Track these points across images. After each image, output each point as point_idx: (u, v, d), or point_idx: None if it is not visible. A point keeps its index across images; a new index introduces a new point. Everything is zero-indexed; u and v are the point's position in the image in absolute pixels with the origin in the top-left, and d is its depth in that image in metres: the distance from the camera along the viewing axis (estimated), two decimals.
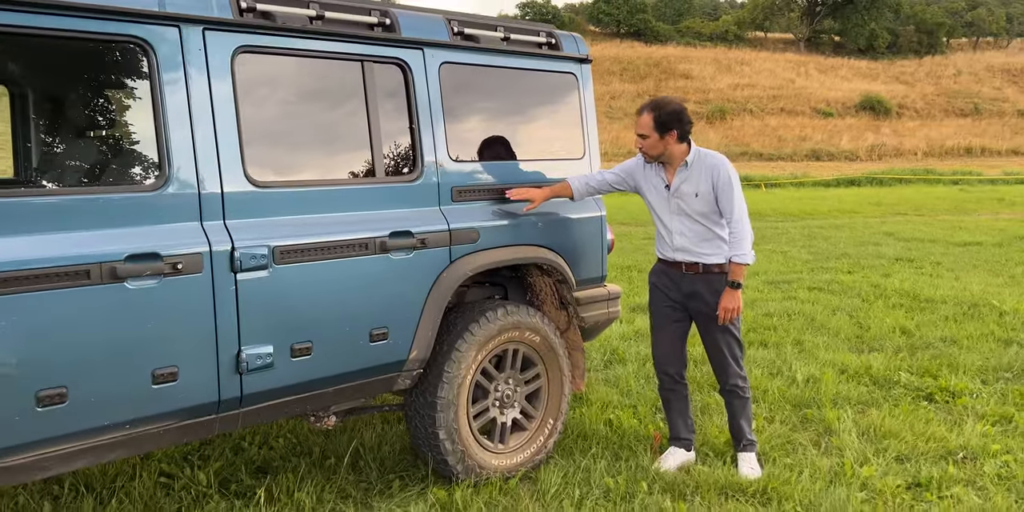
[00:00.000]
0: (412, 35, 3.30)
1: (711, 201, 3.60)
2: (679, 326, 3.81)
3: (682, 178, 3.65)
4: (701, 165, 3.63)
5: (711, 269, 3.67)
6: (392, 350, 3.23)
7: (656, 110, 3.57)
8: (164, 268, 2.59)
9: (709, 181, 3.60)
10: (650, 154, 3.64)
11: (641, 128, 3.60)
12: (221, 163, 2.78)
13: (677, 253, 3.72)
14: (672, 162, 3.66)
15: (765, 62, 59.01)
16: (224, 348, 2.77)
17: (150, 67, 2.64)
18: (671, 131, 3.57)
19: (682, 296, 3.75)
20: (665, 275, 3.80)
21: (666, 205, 3.72)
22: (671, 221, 3.71)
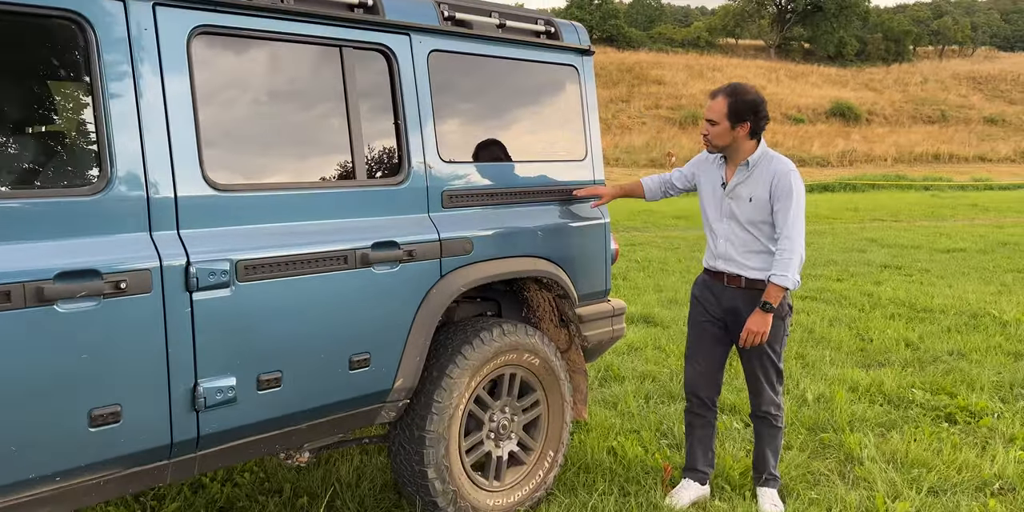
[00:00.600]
0: (398, 18, 2.90)
1: (766, 209, 3.20)
2: (719, 345, 3.42)
3: (740, 178, 3.26)
4: (764, 168, 3.22)
5: (755, 284, 3.26)
6: (375, 379, 2.81)
7: (733, 96, 3.18)
8: (104, 288, 2.15)
9: (767, 187, 3.19)
10: (715, 144, 3.23)
11: (712, 113, 3.20)
12: (175, 163, 2.35)
13: (719, 261, 3.33)
14: (735, 158, 3.27)
15: (736, 68, 59.28)
16: (178, 382, 2.34)
17: (88, 48, 2.20)
18: (744, 123, 3.18)
19: (722, 312, 3.36)
20: (707, 288, 3.41)
21: (718, 206, 3.34)
22: (719, 224, 3.34)
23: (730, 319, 3.34)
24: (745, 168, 3.25)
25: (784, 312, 3.28)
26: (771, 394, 3.36)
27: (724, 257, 3.32)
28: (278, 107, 2.69)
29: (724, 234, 3.31)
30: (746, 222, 3.25)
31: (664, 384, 5.03)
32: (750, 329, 3.20)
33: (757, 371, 3.35)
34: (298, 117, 2.74)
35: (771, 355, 3.32)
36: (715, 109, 3.20)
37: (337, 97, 2.78)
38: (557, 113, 3.55)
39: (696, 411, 3.48)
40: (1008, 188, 30.18)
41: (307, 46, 2.70)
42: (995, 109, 56.15)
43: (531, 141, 3.46)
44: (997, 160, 45.26)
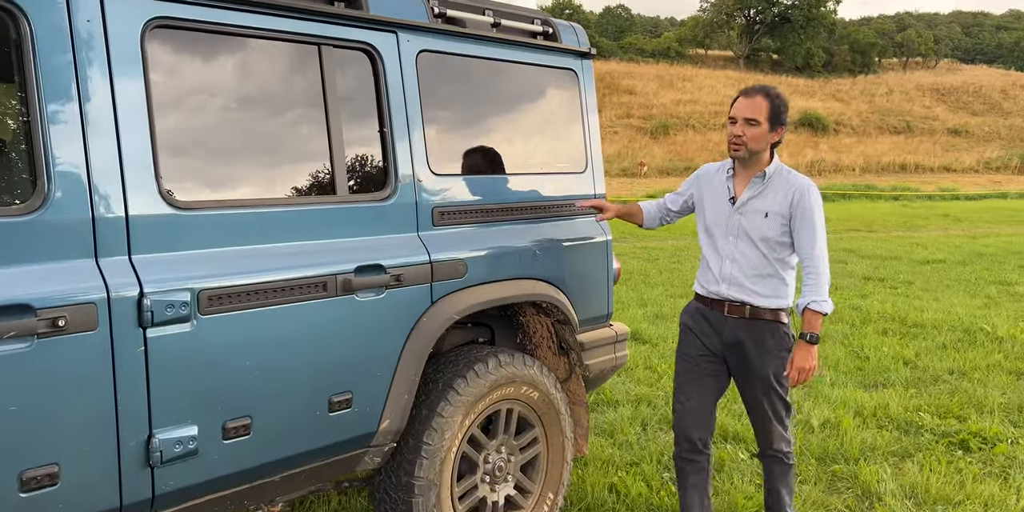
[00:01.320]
0: (383, 14, 2.58)
1: (781, 227, 2.88)
2: (714, 382, 3.04)
3: (754, 192, 2.91)
4: (782, 181, 2.90)
5: (760, 314, 2.91)
6: (357, 421, 2.48)
7: (772, 97, 2.84)
8: (37, 326, 1.80)
9: (787, 202, 2.86)
10: (750, 148, 2.84)
11: (754, 111, 2.81)
12: (125, 176, 2.01)
13: (722, 285, 2.95)
14: (751, 169, 2.93)
15: (706, 78, 59.70)
16: (128, 433, 1.99)
17: (21, 41, 1.86)
18: (781, 127, 2.87)
19: (722, 346, 2.99)
20: (703, 317, 3.02)
21: (724, 222, 2.97)
22: (724, 243, 2.96)
23: (731, 354, 2.98)
24: (760, 181, 2.91)
25: (789, 343, 2.95)
26: (781, 431, 3.02)
27: (728, 280, 2.95)
28: (247, 113, 2.35)
29: (730, 254, 2.95)
30: (759, 240, 2.90)
31: (660, 409, 4.74)
32: (799, 366, 2.81)
33: (764, 408, 2.99)
34: (270, 124, 2.40)
35: (778, 389, 2.96)
36: (757, 108, 2.82)
37: (315, 102, 2.45)
38: (555, 121, 3.25)
39: (687, 456, 3.07)
40: (974, 198, 30.53)
41: (281, 44, 2.38)
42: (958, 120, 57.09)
43: (528, 152, 3.15)
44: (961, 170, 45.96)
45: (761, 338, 2.91)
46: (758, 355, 2.92)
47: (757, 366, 2.93)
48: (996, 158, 48.49)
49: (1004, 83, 65.10)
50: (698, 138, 48.80)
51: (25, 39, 1.86)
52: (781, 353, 2.93)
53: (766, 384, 2.95)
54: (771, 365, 2.92)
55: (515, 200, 3.01)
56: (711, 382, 3.04)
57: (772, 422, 3.01)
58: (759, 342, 2.92)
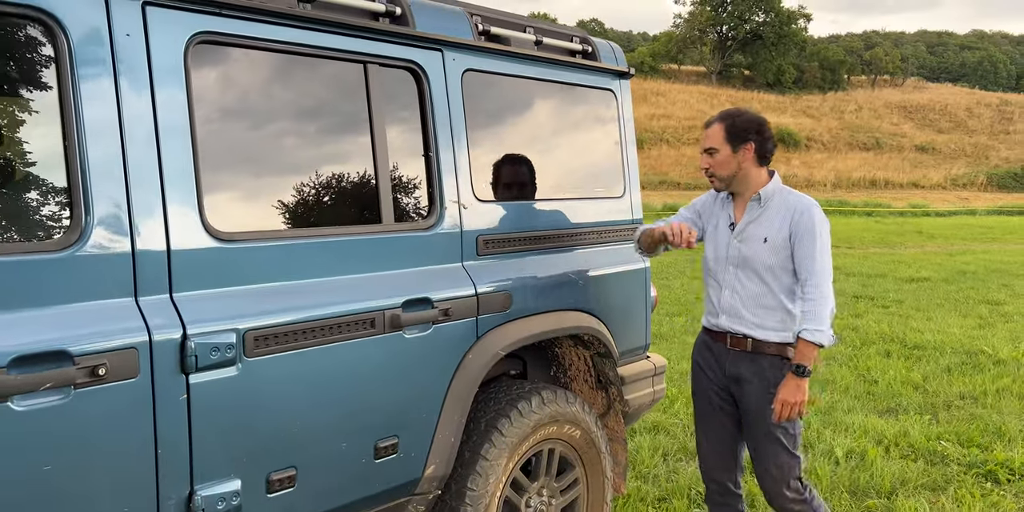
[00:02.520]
0: (429, 31, 2.42)
1: (783, 252, 2.68)
2: (729, 420, 2.84)
3: (752, 216, 2.74)
4: (780, 203, 2.72)
5: (763, 348, 2.71)
6: (402, 468, 2.30)
7: (728, 118, 2.72)
8: (76, 376, 1.61)
9: (787, 225, 2.67)
10: (719, 176, 2.73)
11: (710, 141, 2.72)
12: (168, 206, 1.82)
13: (722, 318, 2.77)
14: (744, 192, 2.77)
15: (679, 93, 60.21)
16: (168, 491, 1.79)
17: (59, 58, 1.68)
18: (747, 143, 2.70)
19: (726, 378, 2.80)
20: (708, 350, 2.86)
21: (724, 250, 2.79)
22: (724, 273, 2.78)
23: (734, 388, 2.79)
24: (757, 203, 2.74)
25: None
26: (782, 485, 2.72)
27: (729, 312, 2.76)
28: (292, 137, 2.17)
29: (731, 284, 2.76)
30: (761, 267, 2.70)
31: (678, 437, 4.60)
32: (784, 400, 2.59)
33: (767, 452, 2.73)
34: (316, 149, 2.23)
35: (781, 439, 2.70)
36: (712, 136, 2.73)
37: (361, 125, 2.28)
38: (595, 143, 3.11)
39: (718, 499, 2.90)
40: (944, 214, 31.00)
41: (327, 62, 2.21)
42: (925, 137, 58.12)
43: (570, 176, 3.01)
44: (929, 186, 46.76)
45: (763, 374, 2.71)
46: (759, 393, 2.71)
47: (756, 403, 2.72)
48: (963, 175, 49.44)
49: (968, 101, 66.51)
50: (672, 152, 49.12)
51: (62, 54, 1.68)
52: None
53: (763, 424, 2.71)
54: (770, 404, 2.67)
55: (558, 227, 2.85)
56: (726, 420, 2.85)
57: (770, 469, 2.74)
58: (761, 378, 2.71)
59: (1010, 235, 21.43)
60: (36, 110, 1.72)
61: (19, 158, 1.69)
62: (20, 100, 1.76)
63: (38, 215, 1.71)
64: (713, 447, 2.88)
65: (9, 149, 1.70)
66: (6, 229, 1.66)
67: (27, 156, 1.70)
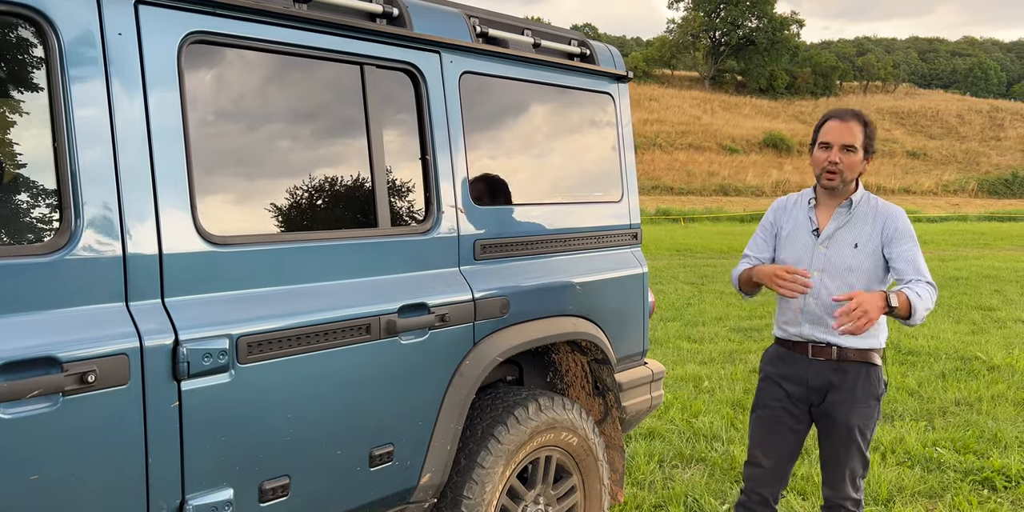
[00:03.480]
0: (426, 32, 2.39)
1: (873, 257, 2.64)
2: (793, 439, 2.77)
3: (840, 222, 2.69)
4: (869, 210, 2.70)
5: (848, 355, 2.65)
6: (398, 476, 2.26)
7: (866, 124, 2.64)
8: (65, 383, 1.57)
9: (879, 231, 2.65)
10: (845, 177, 2.64)
11: (851, 137, 2.61)
12: (160, 210, 1.79)
13: (804, 326, 2.70)
14: (836, 198, 2.73)
15: (672, 99, 60.40)
16: (159, 501, 1.75)
17: (49, 57, 1.64)
18: (871, 155, 2.70)
19: (808, 391, 2.72)
20: (784, 362, 2.76)
21: (807, 257, 2.72)
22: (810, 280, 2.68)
23: (816, 398, 2.73)
24: (847, 210, 2.70)
25: (880, 390, 2.73)
26: (849, 488, 2.75)
27: (812, 320, 2.69)
28: (288, 139, 2.14)
29: (814, 292, 2.68)
30: (848, 273, 2.65)
31: (674, 444, 4.56)
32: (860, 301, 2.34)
33: (840, 459, 2.73)
34: (312, 152, 2.20)
35: (859, 442, 2.70)
36: (852, 134, 2.61)
37: (357, 127, 2.25)
38: (593, 147, 3.08)
39: (752, 508, 2.84)
40: (936, 220, 31.15)
41: (323, 63, 2.17)
42: (917, 143, 58.42)
43: (567, 180, 2.98)
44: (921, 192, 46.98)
45: (849, 383, 2.67)
46: (844, 401, 2.67)
47: (841, 413, 2.68)
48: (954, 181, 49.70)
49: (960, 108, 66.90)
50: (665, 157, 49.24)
51: (52, 53, 1.64)
52: (870, 401, 2.69)
53: (847, 434, 2.69)
54: (855, 414, 2.67)
55: (556, 231, 2.82)
56: (791, 439, 2.78)
57: (845, 476, 2.74)
58: (847, 387, 2.67)
59: (1001, 241, 21.52)
60: (25, 110, 1.68)
61: (7, 159, 1.65)
62: (9, 100, 1.72)
63: (26, 218, 1.67)
64: (770, 462, 2.80)
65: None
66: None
67: (15, 157, 1.66)
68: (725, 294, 11.05)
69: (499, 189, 2.68)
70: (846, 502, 2.79)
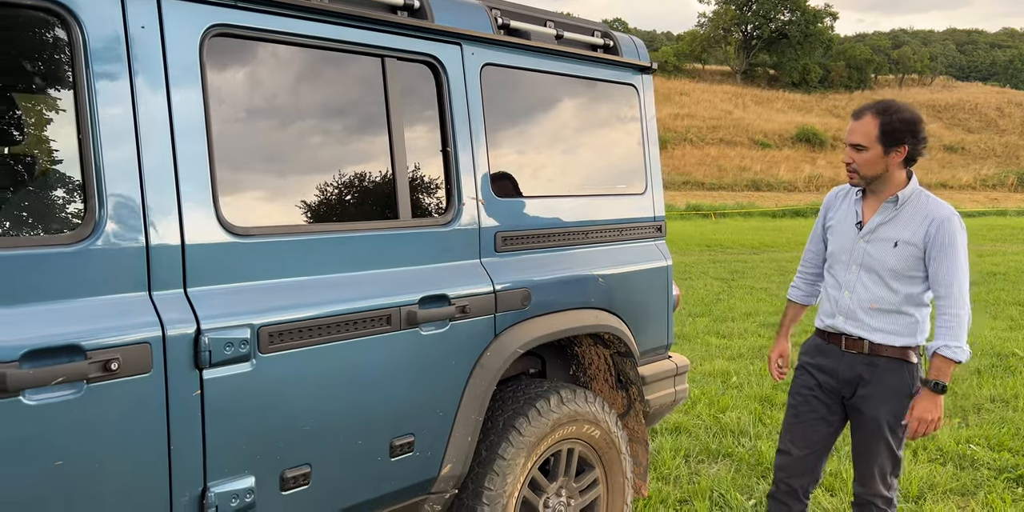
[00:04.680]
0: (448, 24, 2.39)
1: (913, 258, 2.57)
2: (825, 427, 2.75)
3: (885, 217, 2.62)
4: (917, 207, 2.59)
5: (881, 351, 2.62)
6: (419, 466, 2.27)
7: (885, 114, 2.53)
8: (88, 370, 1.60)
9: (923, 232, 2.55)
10: (863, 174, 2.59)
11: (858, 135, 2.56)
12: (182, 201, 1.81)
13: (838, 319, 2.69)
14: (881, 192, 2.63)
15: (703, 93, 59.87)
16: (181, 488, 1.78)
17: (73, 51, 1.66)
18: (900, 146, 2.53)
19: (839, 383, 2.70)
20: (820, 353, 2.76)
21: (849, 250, 2.69)
22: (846, 273, 2.69)
23: (847, 391, 2.70)
24: (892, 205, 2.61)
25: (914, 388, 2.65)
26: (880, 486, 2.70)
27: (846, 314, 2.67)
28: (309, 130, 2.15)
29: (850, 285, 2.66)
30: (885, 272, 2.60)
31: (700, 439, 4.53)
32: (921, 418, 2.50)
33: (868, 455, 2.70)
34: (333, 144, 2.21)
35: (890, 440, 2.65)
36: (862, 130, 2.55)
37: (378, 119, 2.26)
38: (616, 139, 3.06)
39: (781, 498, 2.83)
40: (974, 215, 30.52)
41: (344, 55, 2.19)
42: (955, 137, 57.32)
43: (590, 172, 2.96)
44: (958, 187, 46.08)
45: (880, 377, 2.63)
46: (873, 395, 2.64)
47: (870, 407, 2.65)
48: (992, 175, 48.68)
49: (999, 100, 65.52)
50: (696, 152, 48.87)
51: (76, 46, 1.66)
52: (900, 398, 2.63)
53: (876, 429, 2.66)
54: (884, 409, 2.63)
55: (578, 224, 2.81)
56: (822, 427, 2.75)
57: (874, 473, 2.70)
58: (879, 382, 2.63)
59: None
60: (51, 104, 1.71)
61: (32, 150, 1.68)
62: (34, 93, 1.75)
63: (52, 209, 1.70)
64: (800, 451, 2.78)
65: (22, 141, 1.69)
66: (18, 222, 1.66)
67: (40, 148, 1.69)
68: (755, 289, 10.94)
69: (521, 181, 2.67)
70: (876, 499, 2.74)
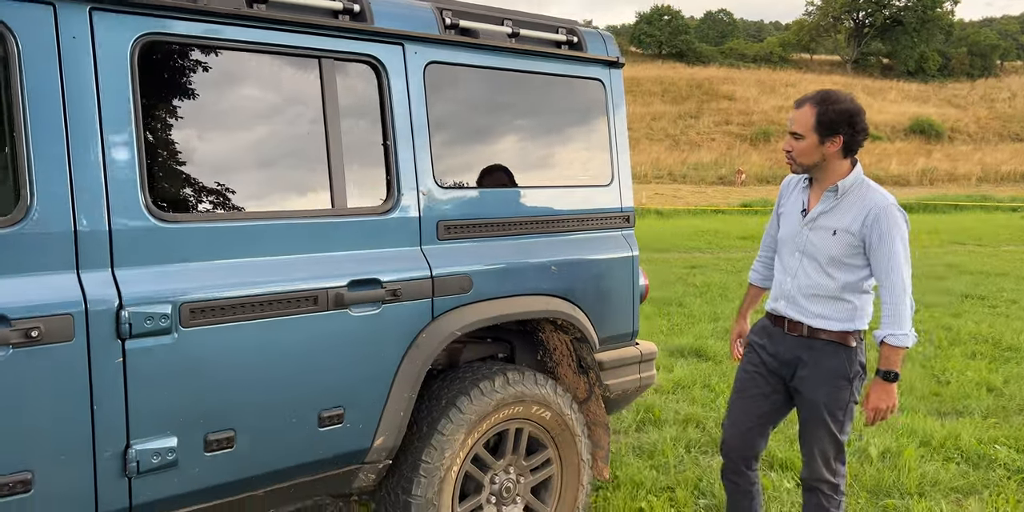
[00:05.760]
0: (388, 26, 2.55)
1: (851, 247, 2.65)
2: (765, 402, 2.85)
3: (826, 206, 2.71)
4: (857, 197, 2.67)
5: (818, 334, 2.71)
6: (349, 437, 2.45)
7: (823, 104, 2.63)
8: (11, 336, 1.85)
9: (861, 221, 2.63)
10: (799, 162, 2.69)
11: (797, 124, 2.66)
12: (109, 190, 2.04)
13: (780, 302, 2.80)
14: (823, 181, 2.73)
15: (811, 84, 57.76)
16: (104, 444, 2.01)
17: (8, 58, 1.91)
18: (836, 136, 2.62)
19: (780, 364, 2.81)
20: (766, 334, 2.88)
21: (794, 236, 2.79)
22: (791, 259, 2.80)
23: (787, 372, 2.80)
24: (833, 194, 2.69)
25: (855, 372, 2.71)
26: (823, 470, 2.76)
27: (788, 299, 2.78)
28: (238, 123, 2.36)
29: (792, 271, 2.78)
30: (824, 259, 2.69)
31: (709, 431, 4.55)
32: (875, 406, 2.62)
33: (809, 437, 2.77)
34: (263, 135, 2.41)
35: (830, 423, 2.71)
36: (800, 120, 2.65)
37: (313, 112, 2.44)
38: (579, 132, 3.16)
39: (729, 476, 2.94)
40: None
41: (281, 57, 2.38)
42: None
43: (547, 164, 3.07)
44: None
45: (818, 360, 2.71)
46: (811, 377, 2.72)
47: (808, 389, 2.73)
48: None
49: None
50: None
51: (12, 57, 1.91)
52: (839, 381, 2.70)
53: (815, 411, 2.73)
54: (822, 391, 2.71)
55: (531, 213, 2.93)
56: (763, 403, 2.85)
57: (815, 453, 2.77)
58: (815, 364, 2.71)
59: None
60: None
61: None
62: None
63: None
64: (737, 425, 2.90)
65: None
66: None
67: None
68: None
69: (470, 172, 2.81)
70: (821, 485, 2.79)
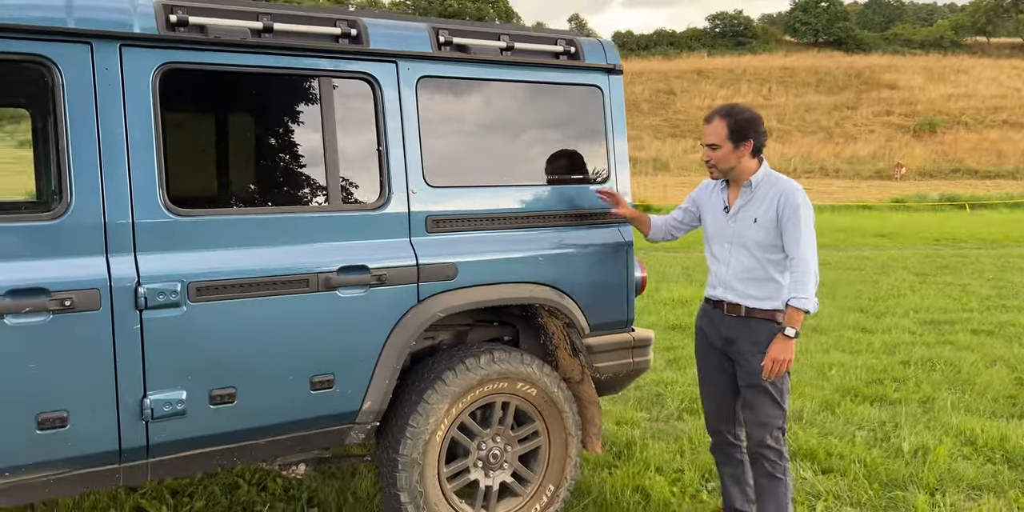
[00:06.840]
0: (382, 47, 2.95)
1: (771, 231, 3.06)
2: (726, 377, 3.24)
3: (744, 200, 3.14)
4: (768, 188, 3.10)
5: (754, 313, 3.10)
6: (339, 400, 2.87)
7: (730, 116, 3.08)
8: (49, 304, 2.39)
9: (774, 207, 3.05)
10: (720, 168, 3.13)
11: (711, 137, 3.10)
12: (133, 189, 2.55)
13: (719, 289, 3.20)
14: (738, 180, 3.16)
15: (986, 69, 53.57)
16: (125, 393, 2.53)
17: (54, 87, 2.45)
18: (746, 141, 3.07)
19: (721, 341, 3.21)
20: (707, 317, 3.29)
21: (721, 231, 3.21)
22: (722, 250, 3.20)
23: (729, 349, 3.18)
24: (749, 189, 3.12)
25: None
26: (767, 437, 3.09)
27: (724, 285, 3.17)
28: (243, 131, 2.83)
29: (726, 260, 3.18)
30: (752, 245, 3.09)
31: None
32: (774, 356, 2.98)
33: (753, 407, 3.11)
34: (266, 141, 2.87)
35: (769, 389, 3.07)
36: (714, 132, 3.08)
37: (313, 121, 2.87)
38: (574, 135, 3.43)
39: (719, 449, 3.35)
40: None
41: (287, 77, 2.82)
42: None
43: (538, 163, 3.37)
44: None
45: (755, 336, 3.08)
46: (749, 351, 3.09)
47: (745, 359, 3.10)
48: None
49: None
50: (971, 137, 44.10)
51: (57, 85, 2.45)
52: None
53: (755, 379, 3.07)
54: (757, 359, 3.06)
55: (521, 209, 3.24)
56: (723, 378, 3.24)
57: (758, 421, 3.10)
58: (752, 340, 3.08)
59: None
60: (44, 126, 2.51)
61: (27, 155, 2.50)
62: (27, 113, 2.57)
63: (41, 196, 2.51)
64: (712, 402, 3.33)
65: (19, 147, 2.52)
66: (15, 206, 2.48)
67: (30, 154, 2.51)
68: (950, 285, 10.16)
69: (459, 173, 3.16)
70: (766, 451, 3.09)
